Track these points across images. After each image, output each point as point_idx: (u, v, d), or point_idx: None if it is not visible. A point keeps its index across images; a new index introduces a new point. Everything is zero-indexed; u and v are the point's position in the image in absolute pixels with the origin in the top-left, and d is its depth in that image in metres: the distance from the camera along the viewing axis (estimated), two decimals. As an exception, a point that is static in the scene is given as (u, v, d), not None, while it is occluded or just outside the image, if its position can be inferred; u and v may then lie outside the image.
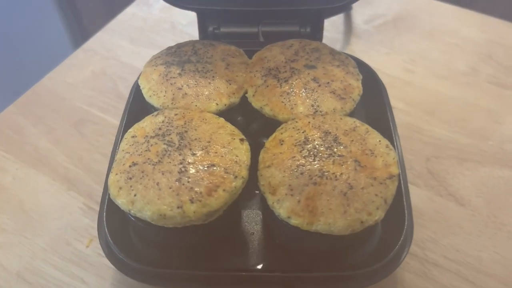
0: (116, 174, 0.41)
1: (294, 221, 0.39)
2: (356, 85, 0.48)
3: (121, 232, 0.45)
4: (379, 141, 0.43)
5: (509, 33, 0.76)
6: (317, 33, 0.58)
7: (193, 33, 0.80)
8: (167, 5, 0.80)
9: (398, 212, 0.44)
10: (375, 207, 0.39)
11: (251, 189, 0.43)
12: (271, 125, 0.47)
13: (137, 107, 0.54)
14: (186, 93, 0.47)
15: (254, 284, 0.41)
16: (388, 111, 0.51)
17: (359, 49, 0.75)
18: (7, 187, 0.59)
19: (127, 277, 0.43)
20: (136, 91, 0.55)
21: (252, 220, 0.48)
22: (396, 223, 0.43)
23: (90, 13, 1.38)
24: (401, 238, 0.42)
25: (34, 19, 1.31)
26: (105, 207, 0.45)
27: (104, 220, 0.44)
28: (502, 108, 0.66)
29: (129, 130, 0.45)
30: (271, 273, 0.40)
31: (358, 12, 0.81)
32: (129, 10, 0.84)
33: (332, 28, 0.78)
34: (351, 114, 0.47)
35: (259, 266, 0.44)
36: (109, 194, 0.45)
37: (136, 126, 0.45)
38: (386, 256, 0.41)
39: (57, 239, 0.54)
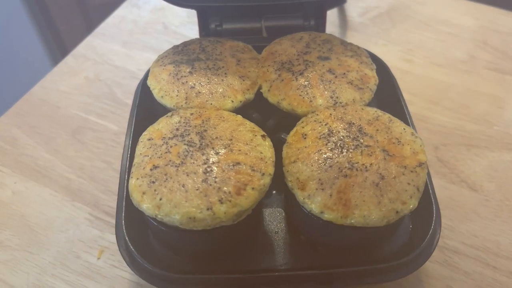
0: (137, 178, 0.39)
1: (327, 216, 0.38)
2: (371, 75, 0.47)
3: (142, 239, 0.43)
4: (404, 129, 0.42)
5: (501, 19, 0.77)
6: (321, 25, 0.58)
7: (187, 33, 0.78)
8: (158, 6, 0.78)
9: (424, 201, 0.43)
10: (409, 196, 0.38)
11: (270, 187, 0.41)
12: (288, 119, 0.46)
13: (144, 109, 0.52)
14: (199, 92, 0.45)
15: (288, 284, 0.40)
16: (402, 101, 0.50)
17: (356, 42, 0.73)
18: (7, 202, 0.56)
19: (151, 286, 0.41)
20: (142, 93, 0.53)
21: (274, 218, 0.46)
22: (421, 212, 0.43)
23: (67, 27, 1.34)
24: (431, 227, 0.42)
25: (10, 34, 1.27)
26: (123, 215, 0.42)
27: (124, 227, 0.41)
28: (504, 93, 0.66)
29: (144, 133, 0.43)
30: (306, 271, 0.39)
31: (352, 5, 0.81)
32: (118, 13, 0.81)
33: (327, 22, 0.78)
34: (367, 105, 0.47)
35: (289, 265, 0.43)
36: (125, 201, 0.43)
37: (151, 128, 0.43)
38: (419, 246, 0.40)
39: (65, 252, 0.51)
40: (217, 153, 0.39)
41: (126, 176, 0.45)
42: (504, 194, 0.56)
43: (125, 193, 0.44)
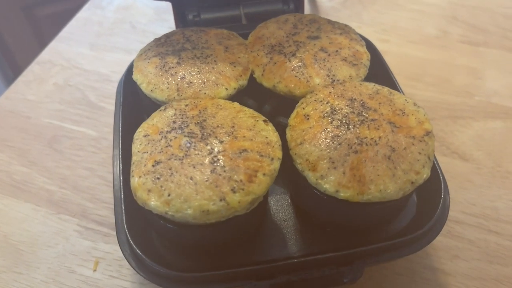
0: (140, 176, 0.36)
1: (343, 194, 0.36)
2: (363, 51, 0.46)
3: (146, 242, 0.40)
4: (406, 100, 0.41)
5: (467, -7, 0.79)
6: (300, 8, 0.57)
7: (157, 31, 0.75)
8: (122, 5, 0.75)
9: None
10: (421, 165, 0.37)
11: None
12: (285, 103, 0.44)
13: (129, 107, 0.49)
14: (191, 82, 0.43)
15: (308, 270, 0.38)
16: (392, 77, 0.50)
17: (330, 26, 0.74)
18: (-15, 223, 0.52)
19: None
20: (124, 90, 0.50)
21: (281, 206, 0.45)
22: (426, 183, 0.42)
23: (16, 40, 1.26)
24: (441, 197, 0.41)
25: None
26: (123, 218, 0.40)
27: (127, 231, 0.39)
28: (480, 64, 0.68)
29: (138, 131, 0.40)
30: (325, 255, 0.38)
31: (320, -10, 0.81)
32: (81, 15, 0.77)
33: (299, 9, 0.77)
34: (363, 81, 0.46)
35: (304, 251, 0.41)
36: (124, 204, 0.40)
37: (144, 125, 0.41)
38: (432, 216, 0.40)
39: (57, 268, 0.48)
40: (221, 142, 0.37)
41: (121, 177, 0.42)
42: (494, 160, 0.57)
43: (122, 195, 0.41)
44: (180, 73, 0.44)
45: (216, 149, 0.37)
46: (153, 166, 0.36)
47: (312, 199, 0.40)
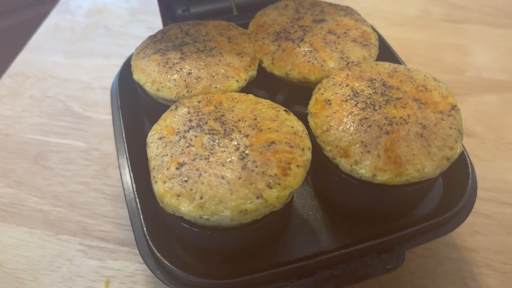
0: (165, 182, 0.33)
1: (380, 178, 0.35)
2: (370, 31, 0.45)
3: (171, 251, 0.37)
4: (425, 75, 0.40)
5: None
6: (292, -5, 0.54)
7: (134, 32, 0.71)
8: (92, 9, 0.71)
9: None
10: (454, 140, 0.36)
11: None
12: (298, 91, 0.42)
13: (126, 110, 0.46)
14: (199, 77, 0.40)
15: (349, 261, 0.36)
16: (397, 56, 0.49)
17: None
18: (-25, 254, 0.47)
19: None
20: (121, 92, 0.46)
21: (304, 199, 0.43)
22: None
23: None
24: (469, 175, 0.40)
25: None
26: (144, 229, 0.36)
27: (151, 243, 0.35)
28: (465, 41, 0.68)
29: (150, 134, 0.37)
30: (365, 244, 0.36)
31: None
32: (49, 21, 0.72)
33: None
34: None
35: (340, 242, 0.39)
36: (142, 214, 0.37)
37: (156, 127, 0.37)
38: (463, 193, 0.39)
39: (65, 294, 0.44)
40: (246, 136, 0.35)
41: (134, 185, 0.39)
42: (496, 133, 0.57)
43: (138, 205, 0.38)
44: (186, 69, 0.41)
45: (242, 144, 0.34)
46: (177, 169, 0.33)
47: (343, 188, 0.38)
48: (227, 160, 0.33)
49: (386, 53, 0.50)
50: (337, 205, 0.41)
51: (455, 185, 0.41)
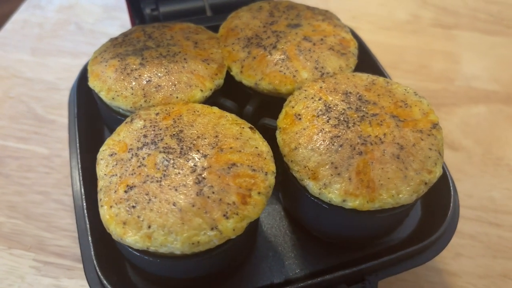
0: (111, 206, 0.30)
1: (351, 204, 0.31)
2: (349, 38, 0.42)
3: (121, 277, 0.34)
4: (405, 89, 0.37)
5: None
6: (270, -4, 0.51)
7: (107, 31, 0.67)
8: (64, 4, 0.67)
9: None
10: (433, 162, 0.33)
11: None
12: (269, 102, 0.39)
13: (86, 119, 0.42)
14: (159, 85, 0.37)
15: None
16: (379, 65, 0.45)
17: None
18: None
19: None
20: (78, 99, 0.43)
21: (273, 220, 0.40)
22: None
23: None
24: (451, 196, 0.37)
25: None
26: (92, 253, 0.33)
27: (98, 269, 0.32)
28: (455, 48, 0.65)
29: (102, 149, 0.34)
30: (334, 274, 0.33)
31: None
32: (18, 17, 0.68)
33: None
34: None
35: (307, 270, 0.36)
36: (90, 235, 0.34)
37: (109, 141, 0.34)
38: (443, 218, 0.36)
39: (14, 316, 0.40)
40: (205, 156, 0.31)
41: (85, 204, 0.35)
42: (483, 148, 0.54)
43: (88, 225, 0.35)
44: (145, 76, 0.37)
45: (200, 166, 0.31)
46: (125, 192, 0.30)
47: (312, 211, 0.35)
48: (181, 184, 0.30)
49: (368, 61, 0.47)
50: (307, 227, 0.38)
51: (436, 208, 0.38)
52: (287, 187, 0.36)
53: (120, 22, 0.68)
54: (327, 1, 0.73)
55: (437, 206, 0.38)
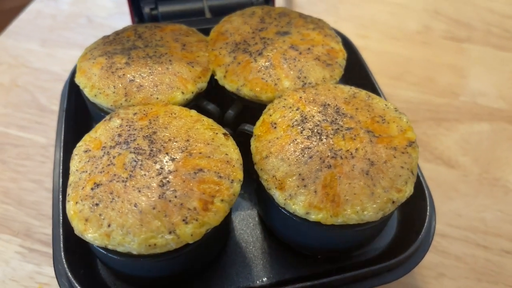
0: (77, 202, 0.30)
1: (314, 217, 0.31)
2: (338, 48, 0.41)
3: (89, 273, 0.35)
4: (386, 105, 0.37)
5: (449, -14, 0.75)
6: (270, 0, 0.51)
7: (117, 25, 0.69)
8: (79, -3, 0.68)
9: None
10: (404, 181, 0.32)
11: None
12: (251, 108, 0.39)
13: (76, 114, 0.43)
14: (141, 85, 0.37)
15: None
16: (372, 77, 0.45)
17: (305, 20, 0.69)
18: None
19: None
20: (69, 94, 0.44)
21: (246, 225, 0.40)
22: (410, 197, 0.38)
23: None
24: (427, 213, 0.37)
25: None
26: (61, 245, 0.34)
27: (64, 261, 0.33)
28: (464, 62, 0.64)
29: (78, 144, 0.34)
30: (302, 284, 0.32)
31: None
32: (33, 7, 0.70)
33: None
34: (338, 83, 0.41)
35: (275, 278, 0.36)
36: (62, 227, 0.35)
37: (86, 137, 0.35)
38: (417, 235, 0.35)
39: (-5, 298, 0.42)
40: (172, 159, 0.32)
41: (61, 197, 0.37)
42: (481, 167, 0.53)
43: (61, 217, 0.36)
44: (129, 75, 0.38)
45: (166, 169, 0.31)
46: (92, 189, 0.31)
47: (280, 220, 0.35)
48: (145, 186, 0.30)
49: (361, 72, 0.46)
50: (278, 235, 0.38)
51: (411, 223, 0.38)
52: (260, 194, 0.36)
53: (130, 17, 0.69)
54: (337, 7, 0.72)
55: (414, 223, 0.37)
